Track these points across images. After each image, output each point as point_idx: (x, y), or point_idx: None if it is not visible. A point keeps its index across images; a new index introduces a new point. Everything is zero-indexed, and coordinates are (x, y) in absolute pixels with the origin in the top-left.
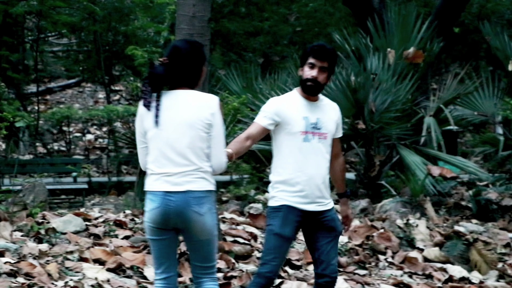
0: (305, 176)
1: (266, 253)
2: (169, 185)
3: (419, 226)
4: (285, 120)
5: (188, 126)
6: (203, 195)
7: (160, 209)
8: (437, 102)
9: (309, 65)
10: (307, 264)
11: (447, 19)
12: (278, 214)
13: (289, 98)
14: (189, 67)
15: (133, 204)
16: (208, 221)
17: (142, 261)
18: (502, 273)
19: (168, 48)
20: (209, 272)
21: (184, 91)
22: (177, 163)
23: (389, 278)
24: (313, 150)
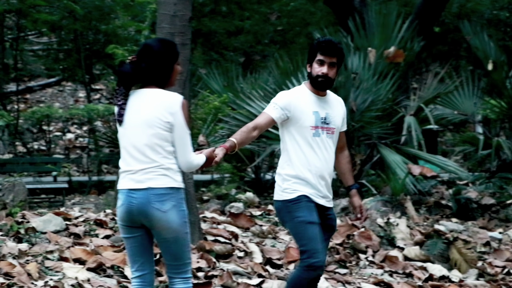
0: (315, 171)
1: (309, 243)
2: (133, 182)
3: (399, 225)
4: (296, 114)
5: (146, 124)
6: (165, 192)
7: (124, 207)
8: (417, 101)
9: (318, 61)
10: (288, 263)
11: (428, 19)
12: (300, 205)
13: (299, 93)
14: (157, 66)
15: (113, 203)
16: (173, 219)
17: (122, 260)
18: (481, 271)
19: (140, 46)
20: (180, 271)
21: (150, 90)
22: (139, 160)
23: (369, 277)
24: (322, 145)
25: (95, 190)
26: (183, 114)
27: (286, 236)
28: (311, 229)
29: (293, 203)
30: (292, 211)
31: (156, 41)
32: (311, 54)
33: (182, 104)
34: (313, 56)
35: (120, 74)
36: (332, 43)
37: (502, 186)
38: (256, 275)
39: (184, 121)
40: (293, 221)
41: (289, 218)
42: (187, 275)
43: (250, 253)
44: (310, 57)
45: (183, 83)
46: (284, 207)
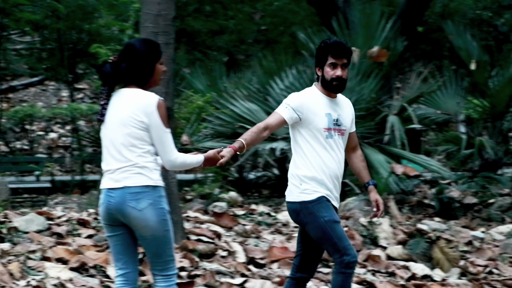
0: (329, 172)
1: (340, 241)
2: (111, 182)
3: (382, 224)
4: (309, 116)
5: (122, 124)
6: (140, 191)
7: (104, 206)
8: (400, 101)
9: (330, 65)
10: (271, 262)
11: (411, 19)
12: (322, 205)
13: (311, 94)
14: (137, 66)
15: (96, 203)
16: (149, 217)
17: (105, 260)
18: (464, 270)
19: (123, 46)
20: (162, 269)
21: (129, 89)
22: (116, 159)
23: None
24: (335, 146)
25: (78, 189)
26: (159, 114)
27: (269, 236)
28: (338, 228)
29: (314, 204)
30: (314, 211)
31: (138, 40)
32: (321, 57)
33: (158, 104)
34: (324, 59)
35: (101, 75)
36: (342, 45)
37: (484, 186)
38: (239, 275)
39: (161, 121)
40: (318, 222)
41: (311, 219)
42: (169, 273)
43: (233, 253)
44: (320, 61)
45: (167, 82)
46: (303, 208)
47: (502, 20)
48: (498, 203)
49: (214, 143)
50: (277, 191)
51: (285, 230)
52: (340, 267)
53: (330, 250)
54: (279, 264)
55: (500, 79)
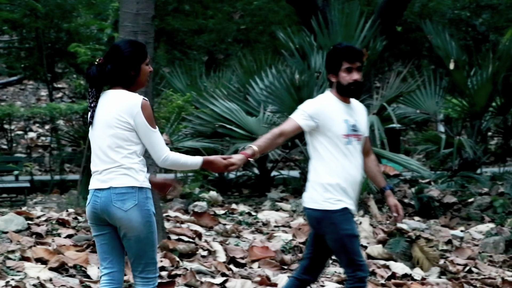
0: (351, 179)
1: (356, 256)
2: (98, 182)
3: (362, 223)
4: (326, 123)
5: (107, 125)
6: (126, 191)
7: (90, 206)
8: (380, 100)
9: (346, 70)
10: (251, 262)
11: (390, 18)
12: (346, 217)
13: (327, 101)
14: (122, 67)
15: (76, 202)
16: (134, 218)
17: (85, 260)
18: (443, 269)
19: (109, 48)
20: (142, 271)
21: (115, 91)
22: (103, 161)
23: (333, 275)
24: (355, 153)
25: (57, 189)
26: (144, 114)
27: (249, 235)
28: (357, 243)
29: (338, 214)
30: (337, 223)
31: (124, 42)
32: (334, 63)
33: (142, 104)
34: (338, 65)
35: (87, 77)
36: (354, 48)
37: (463, 185)
38: (219, 274)
39: (146, 121)
40: (339, 233)
41: (333, 229)
42: (149, 275)
43: (213, 252)
44: (333, 67)
45: (146, 81)
46: (326, 217)
47: (480, 20)
48: (477, 202)
49: (194, 142)
50: (257, 191)
51: (265, 229)
52: (354, 282)
53: (345, 262)
54: (259, 264)
55: (478, 78)
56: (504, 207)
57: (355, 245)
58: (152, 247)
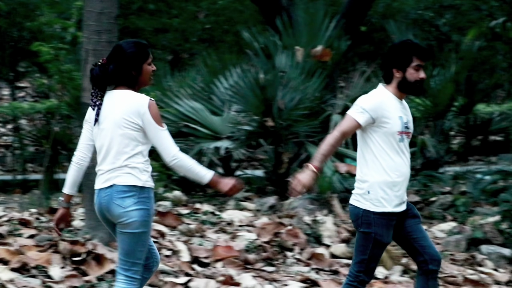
0: (402, 177)
1: (371, 261)
2: (101, 182)
3: (326, 222)
4: (383, 120)
5: (115, 125)
6: (127, 189)
7: (97, 206)
8: (344, 100)
9: (416, 67)
10: (215, 261)
11: (354, 18)
12: (383, 222)
13: (384, 96)
14: (124, 67)
15: (38, 202)
16: (132, 216)
17: (47, 260)
18: (406, 268)
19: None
20: (127, 269)
21: (120, 91)
22: (108, 161)
23: (296, 274)
24: (405, 150)
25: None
26: (151, 113)
27: (213, 235)
28: (380, 250)
29: (376, 217)
30: (372, 224)
31: (127, 42)
32: (404, 58)
33: (149, 104)
34: (407, 61)
35: (90, 78)
36: (427, 48)
37: (426, 184)
38: (183, 274)
39: (154, 120)
40: (369, 235)
41: (365, 227)
42: (133, 275)
43: (177, 252)
44: (402, 62)
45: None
46: (365, 215)
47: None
48: (440, 201)
49: None
50: None
51: (229, 229)
52: (354, 280)
53: (356, 260)
54: (223, 263)
55: (441, 78)
56: (466, 205)
57: (376, 250)
58: (142, 248)
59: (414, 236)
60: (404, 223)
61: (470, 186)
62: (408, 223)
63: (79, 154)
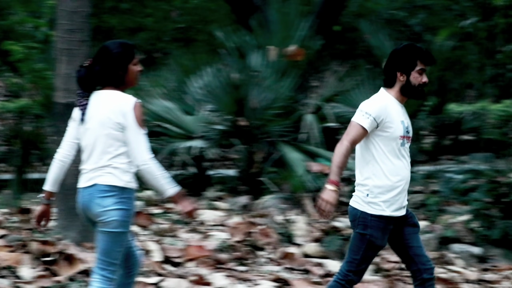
0: (403, 182)
1: (362, 263)
2: (84, 181)
3: (298, 222)
4: (386, 124)
5: (100, 125)
6: (108, 189)
7: (79, 204)
8: (317, 99)
9: (419, 71)
10: (187, 261)
11: (328, 18)
12: (379, 225)
13: (387, 100)
14: (109, 68)
15: (8, 202)
16: (112, 216)
17: (17, 260)
18: (377, 267)
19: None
20: (103, 269)
21: (107, 91)
22: (92, 160)
23: (268, 274)
24: (406, 155)
25: None
26: (135, 114)
27: (185, 234)
28: (373, 252)
29: (373, 219)
30: (369, 226)
31: (113, 43)
32: (408, 62)
33: (134, 105)
34: (412, 64)
35: (76, 79)
36: (430, 52)
37: None
38: (154, 274)
39: (136, 122)
40: (364, 236)
41: (361, 228)
42: (108, 275)
43: (149, 252)
44: (406, 66)
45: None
46: (362, 217)
47: (416, 20)
48: (411, 200)
49: None
50: (194, 190)
51: (201, 228)
52: (342, 279)
53: (348, 259)
54: (195, 263)
55: None
56: (437, 205)
57: (369, 253)
58: (120, 248)
59: (410, 244)
60: (403, 230)
61: (441, 185)
62: (406, 231)
63: (63, 151)
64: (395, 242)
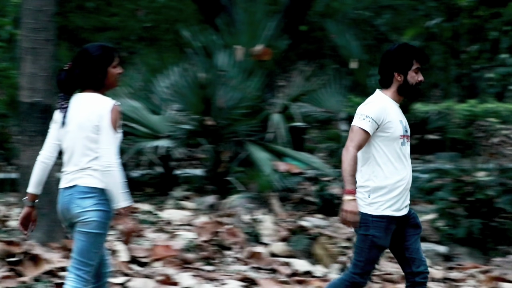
0: (404, 181)
1: (367, 264)
2: (65, 182)
3: (265, 221)
4: (386, 125)
5: (79, 128)
6: (87, 191)
7: (59, 205)
8: (284, 99)
9: (416, 70)
10: (153, 261)
11: (294, 18)
12: (381, 225)
13: (385, 102)
14: (89, 71)
15: None
16: (91, 217)
17: None
18: (344, 266)
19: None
20: (78, 269)
21: (87, 94)
22: (73, 162)
23: (235, 273)
24: (407, 154)
25: None
26: (111, 117)
27: (152, 234)
28: (377, 252)
29: (375, 220)
30: (371, 227)
31: (93, 45)
32: (405, 62)
33: (111, 108)
34: (408, 64)
35: (56, 83)
36: (424, 50)
37: None
38: (121, 274)
39: (110, 124)
40: (366, 237)
41: (363, 230)
42: (83, 275)
43: (115, 252)
44: (403, 66)
45: (48, 79)
46: (363, 218)
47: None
48: None
49: None
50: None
51: (168, 228)
52: (348, 280)
53: (353, 262)
54: (162, 263)
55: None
56: None
57: (373, 254)
58: (96, 249)
59: (408, 246)
60: (405, 231)
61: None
62: (408, 232)
63: (45, 153)
64: (394, 242)
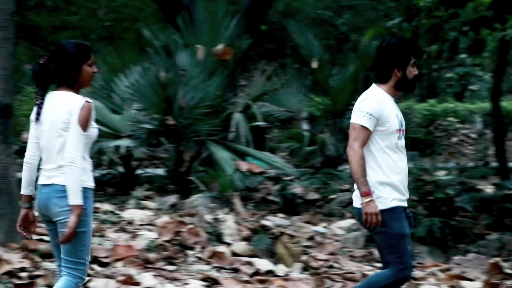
0: (402, 174)
1: (404, 256)
2: (44, 178)
3: (227, 221)
4: (384, 120)
5: (51, 126)
6: (65, 189)
7: (37, 201)
8: (245, 99)
9: (413, 64)
10: (115, 261)
11: (255, 17)
12: (396, 216)
13: (382, 97)
14: (63, 67)
15: None
16: (69, 215)
17: None
18: (306, 265)
19: None
20: (70, 268)
21: (60, 92)
22: (50, 159)
23: (197, 273)
24: (403, 148)
25: None
26: (80, 114)
27: (113, 234)
28: (405, 242)
29: (388, 213)
30: (386, 221)
31: (69, 42)
32: (403, 58)
33: (82, 105)
34: (407, 60)
35: (31, 76)
36: (418, 45)
37: (326, 182)
38: None
39: (79, 119)
40: (389, 232)
41: (383, 228)
42: (77, 273)
43: None
44: (402, 62)
45: (7, 78)
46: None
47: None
48: (339, 199)
49: None
50: (122, 189)
51: (130, 228)
52: (395, 280)
53: (391, 261)
54: (123, 263)
55: (340, 77)
56: None
57: (403, 245)
58: (83, 247)
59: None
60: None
61: None
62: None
63: (29, 153)
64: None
